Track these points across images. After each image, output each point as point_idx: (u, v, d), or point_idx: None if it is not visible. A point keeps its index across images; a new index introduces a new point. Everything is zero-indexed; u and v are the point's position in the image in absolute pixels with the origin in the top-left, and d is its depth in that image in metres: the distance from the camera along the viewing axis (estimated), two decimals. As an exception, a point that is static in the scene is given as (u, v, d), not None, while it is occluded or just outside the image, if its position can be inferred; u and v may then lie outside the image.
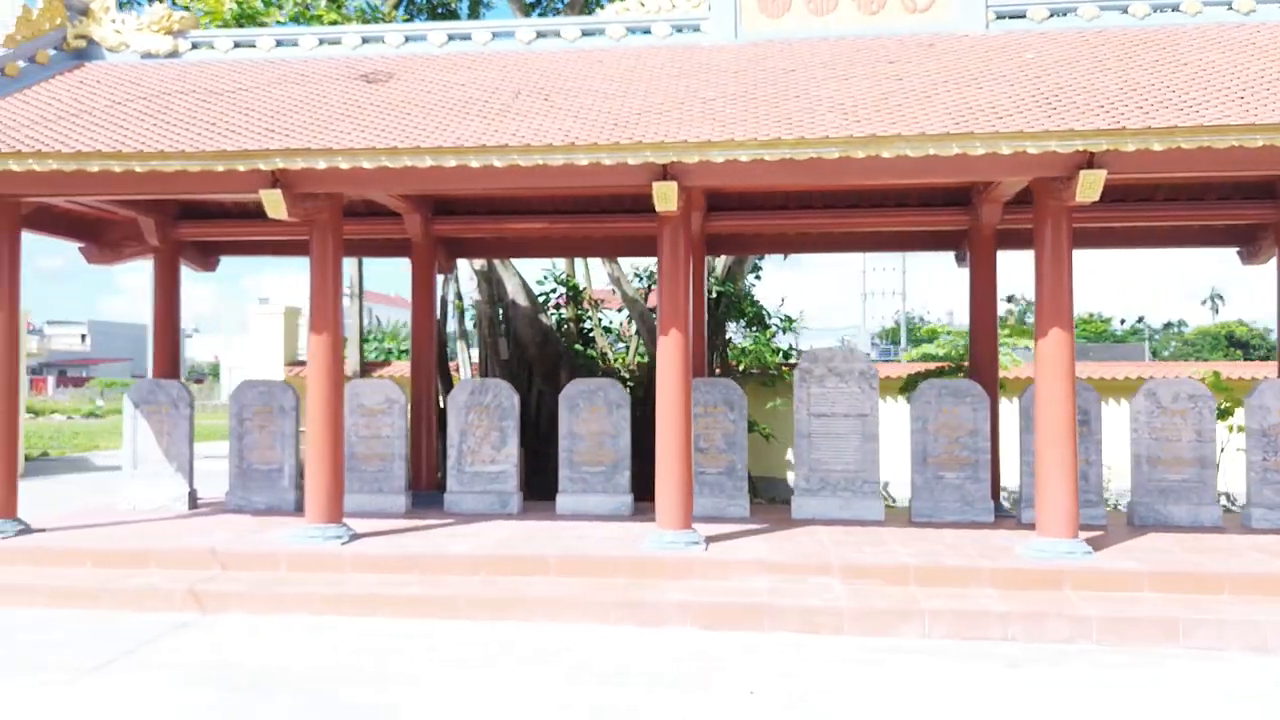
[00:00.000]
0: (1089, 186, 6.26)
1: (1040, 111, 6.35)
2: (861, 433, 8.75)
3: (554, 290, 13.12)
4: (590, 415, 9.09)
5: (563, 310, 12.92)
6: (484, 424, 9.22)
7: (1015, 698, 4.94)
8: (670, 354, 7.23)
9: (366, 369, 14.15)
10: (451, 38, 8.71)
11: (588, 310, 13.23)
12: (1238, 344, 48.22)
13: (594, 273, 13.85)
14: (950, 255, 10.33)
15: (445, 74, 8.08)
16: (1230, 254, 10.02)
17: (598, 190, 8.85)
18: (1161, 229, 9.58)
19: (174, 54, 8.91)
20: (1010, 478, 9.98)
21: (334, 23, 11.76)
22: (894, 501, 11.59)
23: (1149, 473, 8.41)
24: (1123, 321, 57.51)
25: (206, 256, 10.77)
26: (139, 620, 6.37)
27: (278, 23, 11.87)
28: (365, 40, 8.79)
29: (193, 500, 9.42)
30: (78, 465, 16.89)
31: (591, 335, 13.04)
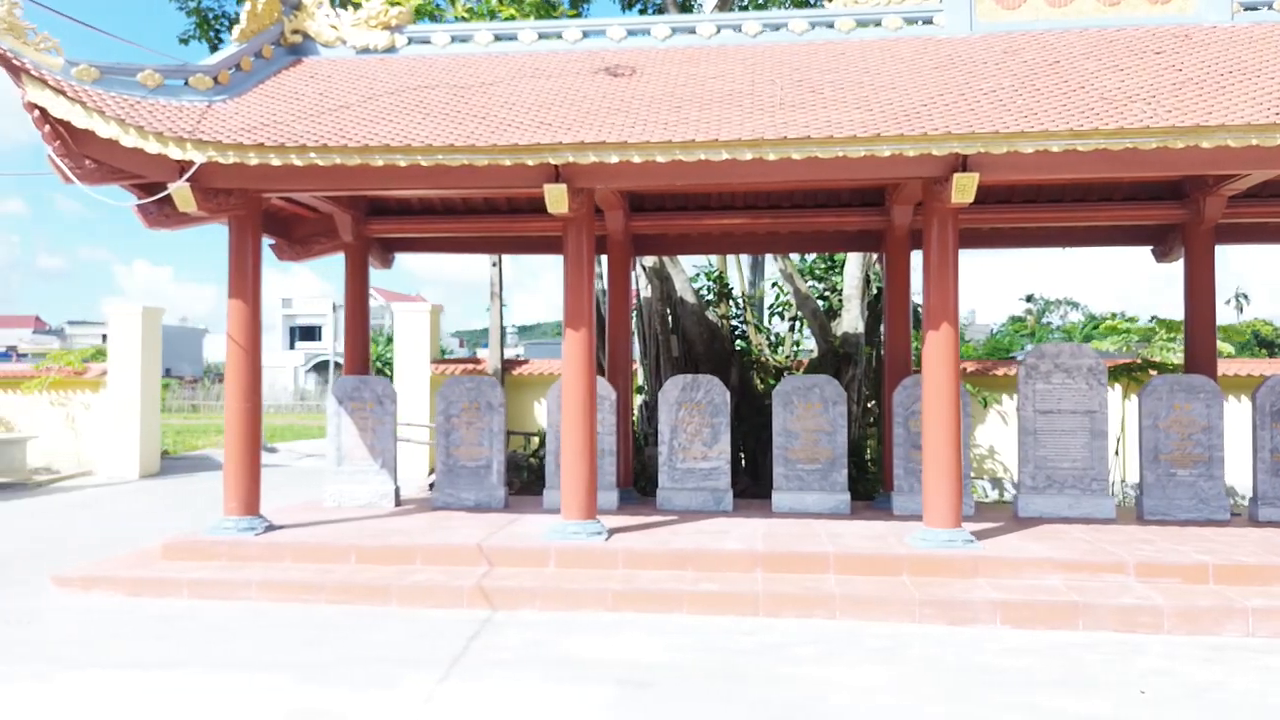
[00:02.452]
0: None
1: (1356, 101, 6.23)
2: (1089, 429, 8.64)
3: (704, 287, 13.04)
4: (804, 412, 9.00)
5: (714, 308, 12.82)
6: (695, 420, 9.15)
7: None
8: (939, 350, 7.14)
9: (506, 367, 14.09)
10: (675, 31, 8.64)
11: (737, 308, 13.14)
12: (1263, 343, 47.61)
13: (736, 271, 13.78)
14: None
15: (685, 67, 8.01)
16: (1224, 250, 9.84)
17: (837, 184, 8.75)
18: None
19: (391, 49, 8.87)
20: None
21: (510, 17, 11.70)
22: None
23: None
24: (1152, 319, 56.78)
25: (386, 253, 10.73)
26: (439, 616, 6.31)
27: (457, 18, 11.82)
28: (586, 34, 8.73)
29: (397, 497, 9.39)
30: (203, 464, 16.90)
31: (744, 333, 12.95)
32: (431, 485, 11.44)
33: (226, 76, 7.82)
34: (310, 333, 68.05)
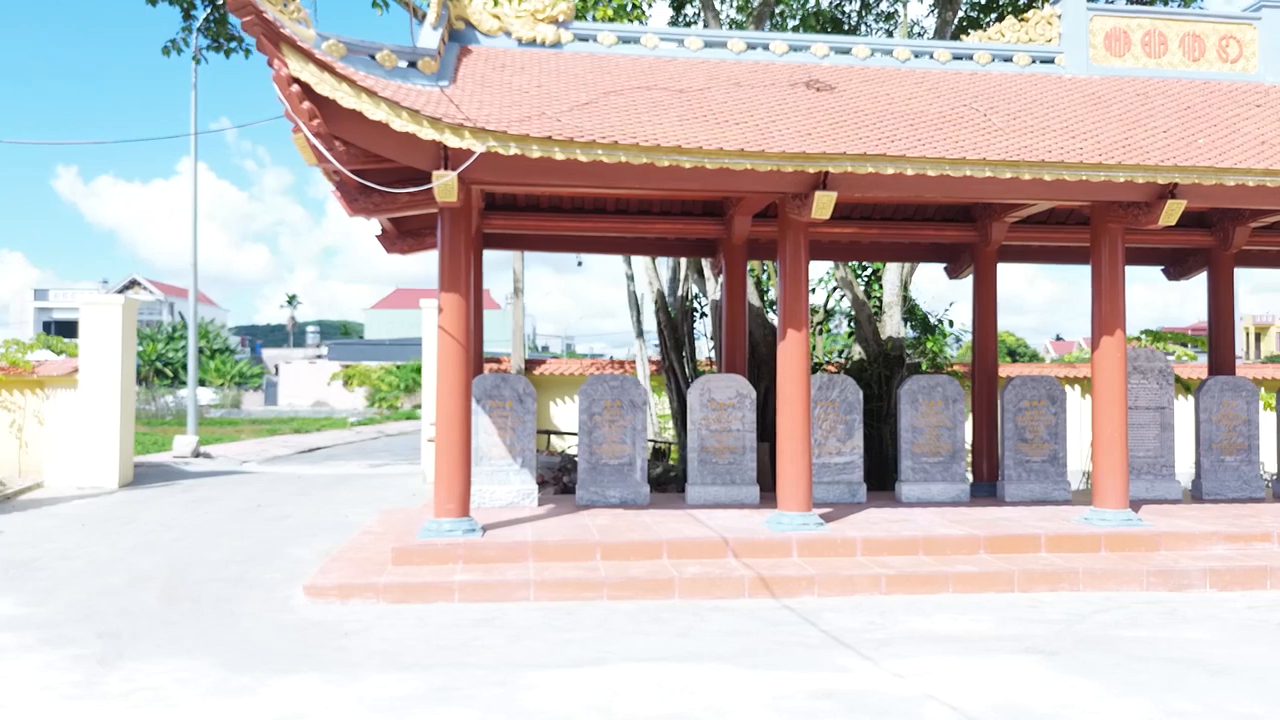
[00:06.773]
0: None
1: None
2: (1159, 423, 10.04)
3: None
4: (929, 409, 9.80)
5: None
6: (829, 417, 9.71)
7: None
8: (1110, 354, 8.16)
9: (528, 366, 13.95)
10: (835, 50, 9.18)
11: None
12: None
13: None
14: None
15: (871, 86, 8.57)
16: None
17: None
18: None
19: (557, 44, 8.79)
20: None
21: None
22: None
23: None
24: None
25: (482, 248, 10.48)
26: (735, 605, 6.51)
27: (590, 17, 11.66)
28: (750, 46, 9.08)
29: (538, 496, 9.26)
30: (168, 472, 15.28)
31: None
32: (540, 483, 11.22)
33: (438, 63, 7.52)
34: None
